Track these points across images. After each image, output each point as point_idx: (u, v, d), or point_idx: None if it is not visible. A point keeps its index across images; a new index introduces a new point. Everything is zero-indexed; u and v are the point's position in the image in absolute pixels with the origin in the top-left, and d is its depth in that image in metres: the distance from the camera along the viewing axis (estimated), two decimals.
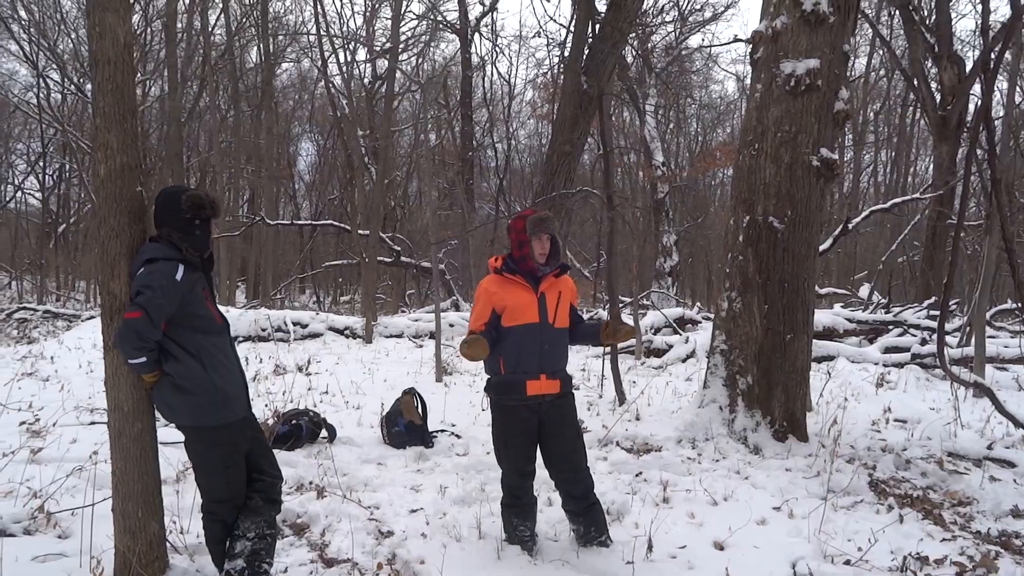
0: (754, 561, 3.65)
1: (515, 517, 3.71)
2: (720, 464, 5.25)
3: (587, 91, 11.70)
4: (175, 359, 2.89)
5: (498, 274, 3.67)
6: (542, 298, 3.62)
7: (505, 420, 3.66)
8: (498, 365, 3.63)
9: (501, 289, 3.63)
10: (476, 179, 27.56)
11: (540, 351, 3.58)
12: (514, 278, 3.63)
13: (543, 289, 3.64)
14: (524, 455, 3.65)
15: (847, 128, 30.16)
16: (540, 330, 3.59)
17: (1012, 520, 4.44)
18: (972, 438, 6.08)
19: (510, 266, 3.66)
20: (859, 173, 32.22)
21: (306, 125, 35.18)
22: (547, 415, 3.63)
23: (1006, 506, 4.60)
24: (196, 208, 2.96)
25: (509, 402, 3.61)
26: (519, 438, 3.63)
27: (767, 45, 5.85)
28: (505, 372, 3.60)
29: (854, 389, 8.76)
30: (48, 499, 3.93)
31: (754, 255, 5.79)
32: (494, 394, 3.70)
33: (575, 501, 3.71)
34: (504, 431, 3.67)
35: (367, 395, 7.86)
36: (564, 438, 3.67)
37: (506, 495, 3.73)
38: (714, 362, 6.04)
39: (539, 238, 3.59)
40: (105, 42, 2.96)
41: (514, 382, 3.58)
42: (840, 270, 28.61)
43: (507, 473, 3.70)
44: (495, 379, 3.68)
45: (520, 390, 3.56)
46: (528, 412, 3.60)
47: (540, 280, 3.64)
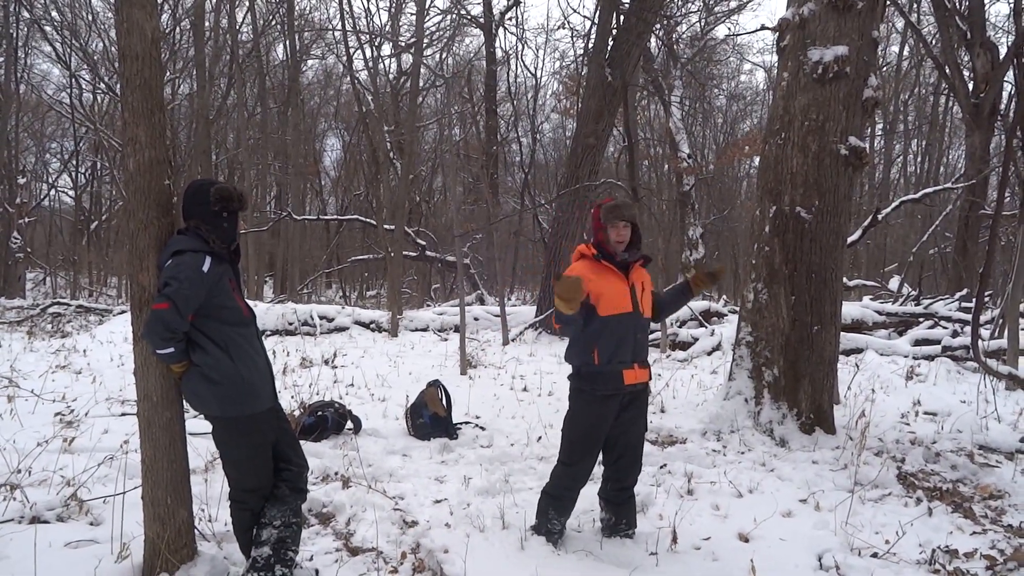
0: (779, 553, 3.62)
1: (554, 509, 3.69)
2: (745, 456, 5.21)
3: (611, 83, 11.64)
4: (203, 350, 2.94)
5: (595, 260, 3.58)
6: (632, 287, 3.59)
7: (594, 410, 3.56)
8: (591, 355, 3.52)
9: (597, 276, 3.54)
10: (501, 173, 27.57)
11: (634, 340, 3.56)
12: (608, 265, 3.57)
13: (632, 279, 3.60)
14: (596, 450, 3.62)
15: (877, 117, 29.70)
16: (635, 320, 3.56)
17: None
18: (1004, 431, 5.96)
19: (603, 253, 3.60)
20: (890, 163, 31.71)
21: (332, 121, 35.45)
22: (629, 405, 3.61)
23: None
24: (224, 201, 2.99)
25: (605, 392, 3.52)
26: (600, 431, 3.57)
27: (794, 32, 5.77)
28: (600, 363, 3.51)
29: (883, 382, 8.63)
30: (80, 487, 4.02)
31: (781, 246, 5.73)
32: (588, 385, 3.56)
33: (621, 492, 3.71)
34: (589, 423, 3.57)
35: (392, 388, 7.91)
36: (637, 427, 3.67)
37: (556, 486, 3.67)
38: (740, 354, 5.99)
39: (615, 225, 3.54)
40: (133, 38, 3.01)
41: (612, 372, 3.51)
42: (870, 262, 28.20)
43: (572, 465, 3.62)
44: (588, 370, 3.55)
45: (618, 380, 3.51)
46: (616, 403, 3.55)
47: (628, 268, 3.60)
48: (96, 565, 3.11)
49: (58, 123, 29.68)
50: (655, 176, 30.30)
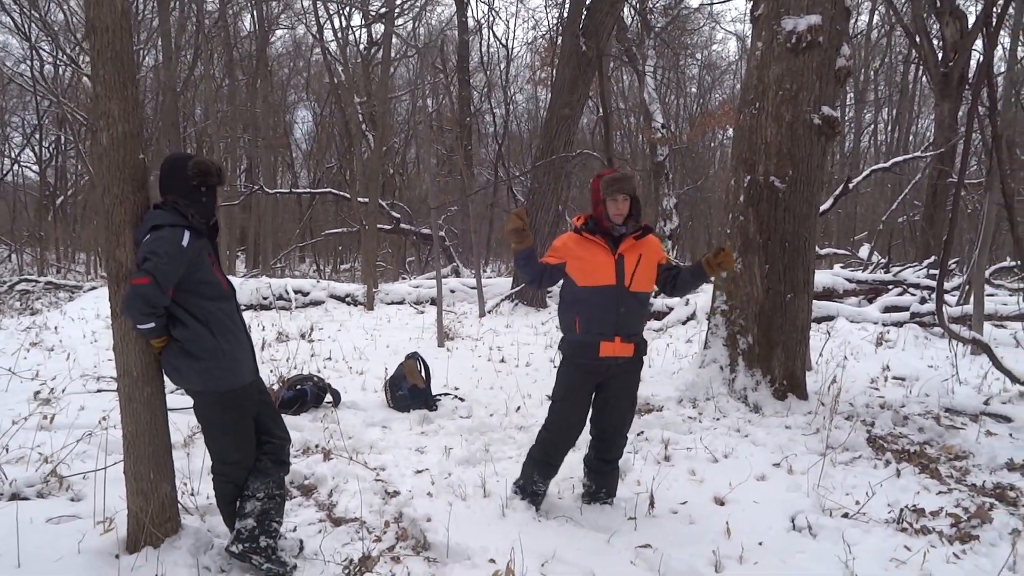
0: (754, 515, 3.72)
1: (538, 473, 3.76)
2: (720, 423, 5.32)
3: (585, 53, 11.58)
4: (183, 325, 2.93)
5: (578, 233, 3.61)
6: (620, 260, 3.56)
7: (572, 376, 3.63)
8: (573, 325, 3.59)
9: (579, 247, 3.59)
10: (474, 145, 27.39)
11: (616, 313, 3.55)
12: (594, 238, 3.58)
13: (622, 251, 3.57)
14: (580, 416, 3.67)
15: (848, 86, 29.89)
16: (617, 292, 3.55)
17: (1007, 473, 4.51)
18: (969, 394, 6.14)
19: (591, 226, 3.61)
20: (860, 132, 31.99)
21: (302, 93, 34.90)
22: (614, 377, 3.63)
23: (1001, 459, 4.68)
24: (203, 175, 2.96)
25: (580, 360, 3.58)
26: (578, 399, 3.63)
27: (768, 2, 5.79)
28: (580, 332, 3.56)
29: (853, 348, 8.82)
30: (60, 464, 4.00)
31: (755, 215, 5.80)
32: (568, 352, 3.64)
33: (605, 463, 3.78)
34: (566, 390, 3.64)
35: (370, 361, 7.92)
36: (622, 401, 3.70)
37: (540, 451, 3.74)
38: (715, 323, 6.08)
39: (614, 198, 3.54)
40: (103, 9, 2.94)
41: (588, 343, 3.55)
42: (841, 230, 28.55)
43: (556, 429, 3.68)
44: (570, 338, 3.63)
45: (593, 351, 3.54)
46: (596, 373, 3.59)
47: (619, 241, 3.58)
48: (80, 539, 3.11)
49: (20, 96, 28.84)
50: (629, 146, 30.31)
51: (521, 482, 3.83)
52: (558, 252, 3.66)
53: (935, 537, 3.52)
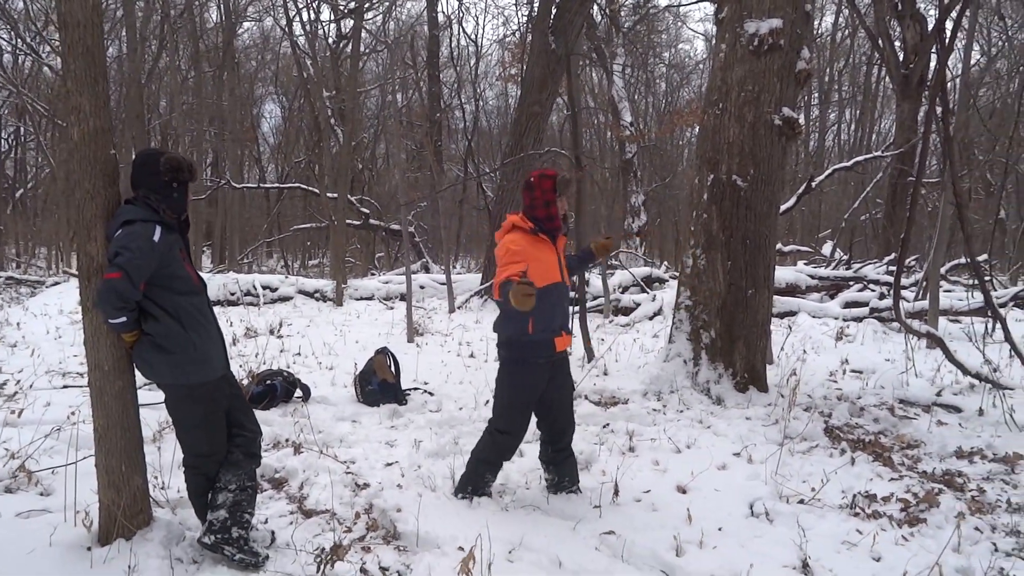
0: (714, 502, 3.85)
1: (489, 473, 3.84)
2: (684, 415, 5.46)
3: (555, 51, 11.68)
4: (155, 319, 2.96)
5: (532, 234, 3.62)
6: (559, 256, 3.72)
7: (529, 379, 3.66)
8: (526, 325, 3.57)
9: (535, 249, 3.60)
10: (444, 140, 27.37)
11: (563, 308, 3.69)
12: (543, 238, 3.65)
13: (559, 248, 3.72)
14: (528, 415, 3.75)
15: (813, 86, 30.41)
16: (562, 289, 3.69)
17: (956, 460, 4.70)
18: (923, 386, 6.36)
19: (540, 224, 3.65)
20: (824, 131, 32.55)
21: (270, 86, 34.54)
22: (557, 369, 3.73)
23: (951, 448, 4.88)
24: (174, 171, 2.99)
25: (539, 360, 3.63)
26: (536, 397, 3.70)
27: (731, 5, 5.93)
28: (534, 332, 3.58)
29: (814, 343, 9.05)
30: (28, 459, 4.00)
31: (718, 213, 5.94)
32: (522, 354, 3.64)
33: (560, 452, 3.87)
34: (525, 388, 3.68)
35: (340, 356, 7.95)
36: (566, 389, 3.82)
37: (493, 453, 3.78)
38: (679, 317, 6.22)
39: (561, 199, 3.64)
40: (74, 4, 2.96)
41: (544, 341, 3.62)
42: (805, 228, 29.06)
43: (508, 431, 3.72)
44: (523, 339, 3.61)
45: (550, 348, 3.63)
46: (548, 368, 3.67)
47: (557, 239, 3.71)
48: (51, 532, 3.14)
49: None
50: (598, 143, 30.53)
51: (469, 488, 3.83)
52: (521, 257, 3.55)
53: (885, 521, 3.69)
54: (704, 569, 3.10)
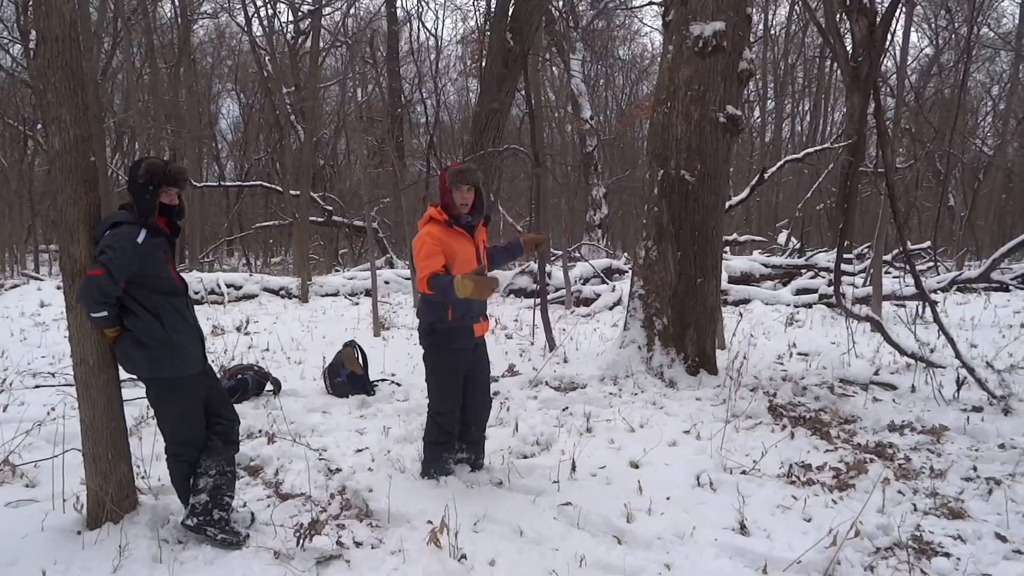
0: (663, 475, 4.16)
1: (445, 451, 4.10)
2: (638, 397, 5.78)
3: (513, 49, 11.91)
4: (136, 316, 3.16)
5: (447, 225, 3.85)
6: (477, 247, 3.95)
7: (451, 362, 3.93)
8: (446, 313, 3.83)
9: (447, 237, 3.80)
10: (406, 135, 27.43)
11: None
12: (457, 228, 3.87)
13: (477, 239, 3.95)
14: (460, 393, 4.02)
15: (768, 78, 31.11)
16: None
17: (888, 433, 5.09)
18: (862, 366, 6.76)
19: (451, 217, 3.88)
20: (780, 123, 33.31)
21: (227, 83, 34.20)
22: (476, 353, 4.03)
23: (884, 422, 5.27)
24: (149, 176, 3.19)
25: (459, 345, 3.91)
26: (460, 377, 3.97)
27: (678, 8, 6.24)
28: (454, 319, 3.85)
29: (766, 328, 9.48)
30: (11, 454, 4.15)
31: (668, 206, 6.27)
32: (443, 340, 3.90)
33: (479, 432, 4.17)
34: (447, 372, 3.95)
35: (307, 351, 8.13)
36: (485, 372, 4.12)
37: (438, 433, 4.05)
38: (633, 306, 6.54)
39: (459, 189, 3.83)
40: (52, 20, 3.14)
41: (464, 327, 3.89)
42: (762, 218, 29.75)
43: (445, 411, 4.01)
44: (443, 326, 3.87)
45: (469, 334, 3.91)
46: (469, 353, 3.96)
47: (474, 229, 3.93)
48: (43, 519, 3.33)
49: None
50: (559, 138, 30.84)
51: (432, 470, 4.09)
52: (438, 249, 3.75)
53: (818, 487, 4.04)
54: (651, 532, 3.40)
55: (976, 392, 5.79)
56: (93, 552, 3.11)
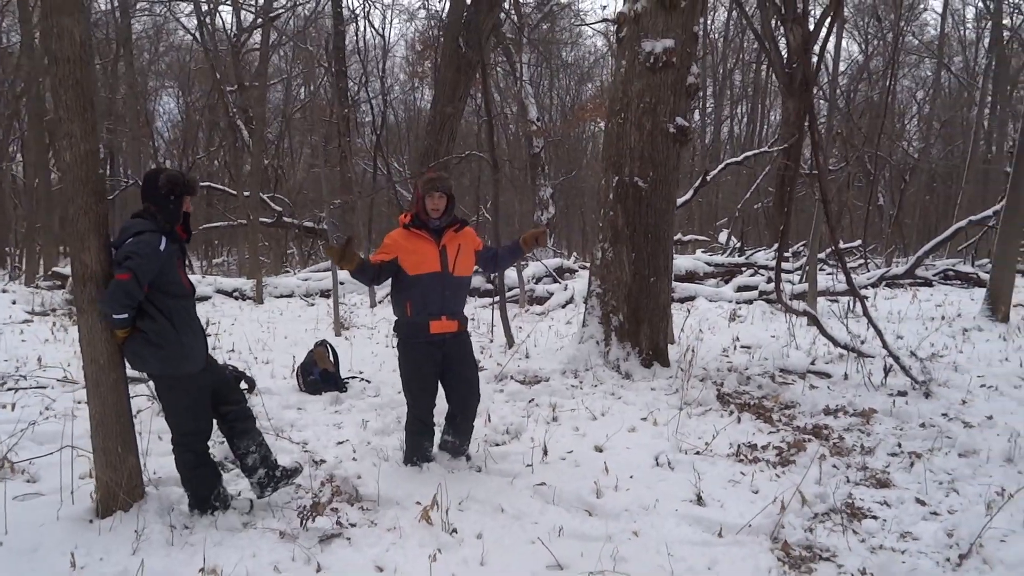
0: (626, 457, 4.58)
1: (424, 440, 4.42)
2: (598, 388, 6.21)
3: (466, 55, 12.25)
4: (150, 318, 3.41)
5: (406, 228, 4.22)
6: (443, 250, 4.21)
7: (413, 356, 4.27)
8: (405, 309, 4.20)
9: (406, 241, 4.16)
10: (352, 134, 27.42)
11: (442, 296, 4.21)
12: (419, 232, 4.19)
13: (445, 242, 4.22)
14: (431, 384, 4.33)
15: (709, 81, 32.08)
16: (442, 278, 4.20)
17: (824, 416, 5.61)
18: (800, 356, 7.34)
19: (416, 222, 4.22)
20: (720, 125, 34.40)
21: (165, 80, 33.55)
22: (449, 350, 4.31)
23: (820, 406, 5.80)
24: (171, 185, 3.45)
25: (416, 340, 4.23)
26: (425, 369, 4.28)
27: (630, 26, 6.68)
28: (411, 315, 4.19)
29: (710, 323, 10.04)
30: (9, 451, 4.32)
31: (623, 210, 6.70)
32: (402, 334, 4.29)
33: (465, 421, 4.45)
34: (413, 364, 4.29)
35: (273, 351, 8.33)
36: (465, 366, 4.39)
37: (414, 422, 4.38)
38: (591, 304, 6.96)
39: (431, 196, 4.14)
40: (63, 42, 3.36)
41: (419, 323, 4.20)
42: (703, 218, 30.71)
43: (416, 401, 4.34)
44: (403, 321, 4.25)
45: (425, 330, 4.20)
46: (433, 348, 4.25)
47: (441, 234, 4.23)
48: (58, 508, 3.55)
49: None
50: (506, 138, 31.25)
51: (414, 457, 4.41)
52: (388, 249, 4.18)
53: (763, 464, 4.51)
54: (619, 505, 3.81)
55: (901, 378, 6.37)
56: (110, 537, 3.34)
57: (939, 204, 32.80)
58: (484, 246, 4.48)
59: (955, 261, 17.74)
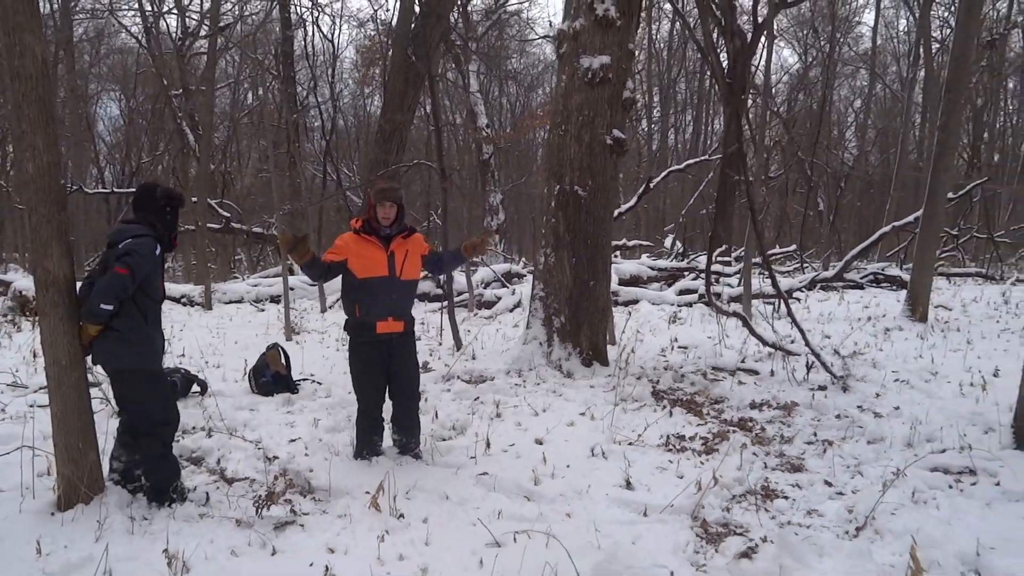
0: (564, 449, 4.91)
1: (373, 434, 4.69)
2: (540, 387, 6.53)
3: (414, 65, 12.50)
4: (129, 316, 3.67)
5: (356, 233, 4.51)
6: (391, 256, 4.48)
7: (361, 354, 4.55)
8: (354, 310, 4.50)
9: (356, 245, 4.44)
10: (301, 139, 27.36)
11: (389, 299, 4.49)
12: (369, 238, 4.48)
13: (393, 248, 4.49)
14: (378, 381, 4.59)
15: (654, 90, 32.85)
16: (389, 282, 4.48)
17: (750, 410, 6.03)
18: (731, 355, 7.78)
19: (367, 228, 4.50)
20: (666, 132, 35.25)
21: (106, 83, 32.93)
22: (395, 349, 4.58)
23: (747, 401, 6.22)
24: (168, 199, 3.80)
25: (364, 339, 4.51)
26: (373, 366, 4.55)
27: (569, 42, 7.04)
28: (360, 316, 4.48)
29: (652, 325, 10.47)
30: None
31: (564, 218, 7.05)
32: (352, 334, 4.58)
33: (407, 418, 4.71)
34: (361, 362, 4.57)
35: (224, 355, 8.44)
36: (408, 365, 4.66)
37: (363, 417, 4.66)
38: (534, 306, 7.29)
39: (382, 204, 4.44)
40: (26, 59, 3.53)
41: (367, 323, 4.48)
42: (649, 223, 31.44)
43: (364, 396, 4.61)
44: (352, 321, 4.53)
45: (372, 330, 4.48)
46: (380, 346, 4.52)
47: (390, 240, 4.51)
48: (19, 503, 3.71)
49: None
50: (456, 143, 31.52)
51: (364, 451, 4.69)
52: (340, 251, 4.47)
53: (689, 453, 4.88)
54: (555, 491, 4.13)
55: (823, 374, 6.84)
56: (73, 527, 3.52)
57: (875, 210, 34.17)
58: (430, 251, 4.75)
59: (884, 265, 18.62)
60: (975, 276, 17.58)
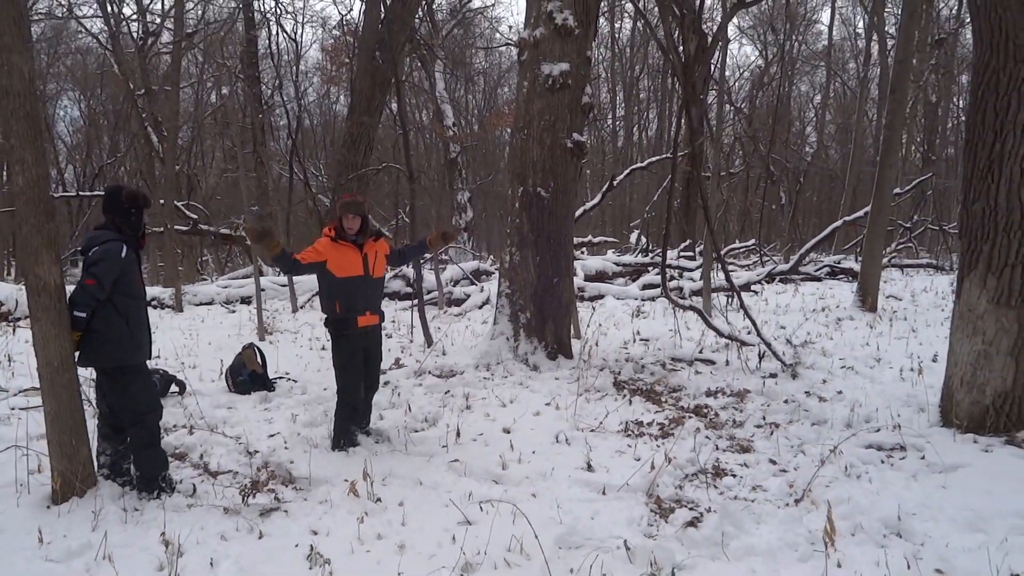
0: (530, 437, 5.23)
1: (353, 424, 5.07)
2: (508, 379, 6.85)
3: (381, 66, 12.72)
4: (108, 317, 3.90)
5: (333, 240, 4.94)
6: (365, 257, 4.98)
7: (346, 346, 4.97)
8: (335, 307, 4.94)
9: (333, 249, 4.92)
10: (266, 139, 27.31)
11: (365, 295, 4.99)
12: (344, 243, 4.94)
13: (366, 251, 4.99)
14: (359, 371, 5.02)
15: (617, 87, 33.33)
16: (364, 280, 4.98)
17: (705, 397, 6.41)
18: (689, 347, 8.18)
19: (340, 235, 4.95)
20: (630, 129, 35.78)
21: (65, 83, 32.52)
22: (370, 341, 5.08)
23: (703, 389, 6.60)
24: (132, 200, 4.01)
25: (347, 332, 4.94)
26: (355, 359, 5.00)
27: (530, 50, 7.35)
28: (341, 312, 4.92)
29: (616, 320, 10.84)
30: None
31: (527, 218, 7.37)
32: (334, 329, 4.98)
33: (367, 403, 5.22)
34: (345, 355, 4.98)
35: (199, 356, 8.62)
36: (378, 354, 5.21)
37: (345, 408, 5.02)
38: (501, 303, 7.61)
39: (347, 216, 4.93)
40: (13, 78, 3.75)
41: (349, 319, 4.93)
42: (616, 220, 31.94)
43: (348, 387, 4.98)
44: (334, 317, 4.96)
45: (353, 324, 4.94)
46: (360, 339, 4.99)
47: (363, 245, 4.98)
48: (16, 497, 3.92)
49: None
50: (422, 142, 31.66)
51: (342, 441, 5.02)
52: (320, 253, 4.90)
53: (647, 438, 5.23)
54: (521, 474, 4.45)
55: (775, 363, 7.25)
56: (70, 518, 3.76)
57: (833, 205, 35.01)
58: (391, 248, 5.30)
59: (840, 257, 19.25)
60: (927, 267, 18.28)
